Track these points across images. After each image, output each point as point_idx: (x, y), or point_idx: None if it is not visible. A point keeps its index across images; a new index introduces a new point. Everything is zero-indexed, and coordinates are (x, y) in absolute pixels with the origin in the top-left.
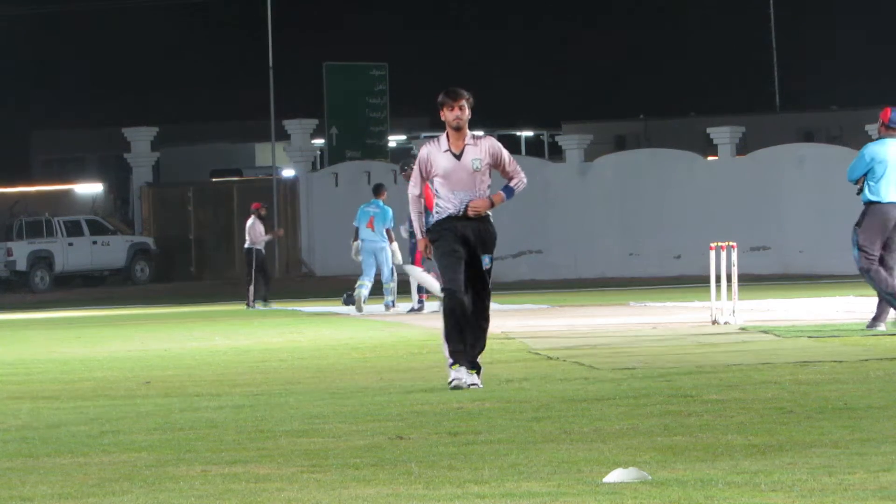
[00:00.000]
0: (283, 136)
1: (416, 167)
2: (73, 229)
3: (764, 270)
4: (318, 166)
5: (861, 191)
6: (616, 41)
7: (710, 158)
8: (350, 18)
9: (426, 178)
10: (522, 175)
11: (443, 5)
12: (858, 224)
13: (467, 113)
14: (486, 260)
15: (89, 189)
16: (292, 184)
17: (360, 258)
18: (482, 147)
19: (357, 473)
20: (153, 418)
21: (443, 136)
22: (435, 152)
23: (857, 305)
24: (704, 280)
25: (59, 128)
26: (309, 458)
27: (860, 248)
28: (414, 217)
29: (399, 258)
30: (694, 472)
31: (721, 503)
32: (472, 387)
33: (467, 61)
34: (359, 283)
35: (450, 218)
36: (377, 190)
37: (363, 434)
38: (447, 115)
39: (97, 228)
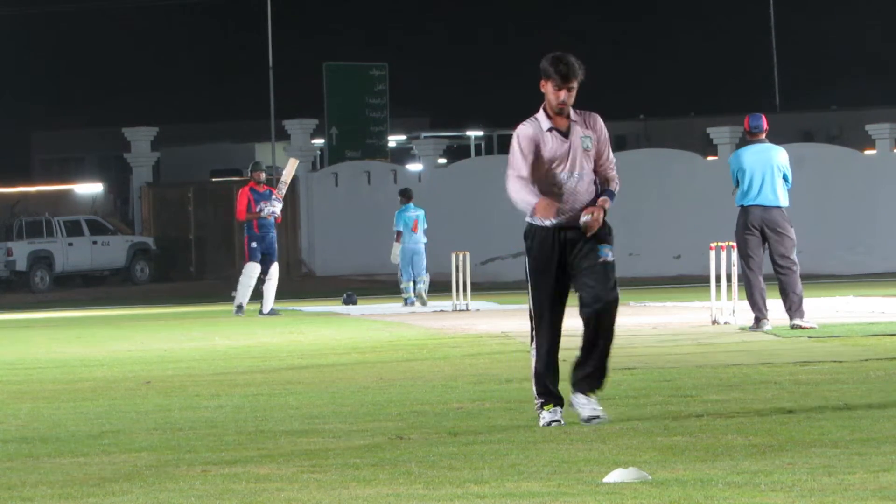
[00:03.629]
0: (283, 136)
1: (515, 151)
2: (73, 229)
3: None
4: (318, 166)
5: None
6: (616, 41)
7: (710, 158)
8: (350, 18)
9: (529, 160)
10: (616, 174)
11: (443, 6)
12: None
13: (573, 97)
14: (604, 250)
15: (89, 189)
16: (292, 183)
17: (397, 261)
18: (591, 124)
19: (357, 473)
20: (153, 418)
21: (540, 114)
22: (538, 131)
23: (857, 305)
24: (704, 280)
25: (59, 128)
26: (309, 458)
27: (738, 251)
28: (526, 198)
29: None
30: (694, 472)
31: (721, 503)
32: (594, 420)
33: (467, 62)
34: (404, 286)
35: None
36: (409, 194)
37: (363, 434)
38: (551, 95)
39: (97, 228)
